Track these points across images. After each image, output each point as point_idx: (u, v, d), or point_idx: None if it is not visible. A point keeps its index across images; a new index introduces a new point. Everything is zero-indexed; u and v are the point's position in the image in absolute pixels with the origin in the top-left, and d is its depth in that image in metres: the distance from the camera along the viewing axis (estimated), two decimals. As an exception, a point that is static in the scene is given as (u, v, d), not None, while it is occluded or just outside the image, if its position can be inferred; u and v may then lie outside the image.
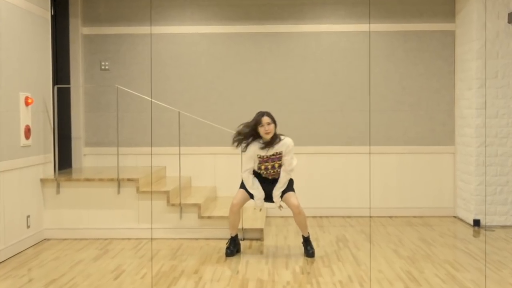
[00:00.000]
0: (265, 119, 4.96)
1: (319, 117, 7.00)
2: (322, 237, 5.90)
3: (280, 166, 5.03)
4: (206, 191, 6.59)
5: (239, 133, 5.05)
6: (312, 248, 5.13)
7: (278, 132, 5.06)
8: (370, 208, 6.97)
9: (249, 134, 5.03)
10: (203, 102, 7.07)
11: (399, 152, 7.07)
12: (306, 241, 5.18)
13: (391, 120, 7.08)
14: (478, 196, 6.42)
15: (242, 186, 5.20)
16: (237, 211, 5.16)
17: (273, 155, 5.01)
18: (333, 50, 7.12)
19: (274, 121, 4.99)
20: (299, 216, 5.08)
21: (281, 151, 5.00)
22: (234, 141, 5.05)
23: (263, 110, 5.11)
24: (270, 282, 4.35)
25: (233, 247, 5.19)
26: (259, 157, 5.03)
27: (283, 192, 5.09)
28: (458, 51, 6.95)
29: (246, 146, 5.05)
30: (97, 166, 6.97)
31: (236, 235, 5.26)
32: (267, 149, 4.99)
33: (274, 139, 4.99)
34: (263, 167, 5.05)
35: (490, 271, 4.61)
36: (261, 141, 5.01)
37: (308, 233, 5.19)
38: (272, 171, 5.06)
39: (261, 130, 4.95)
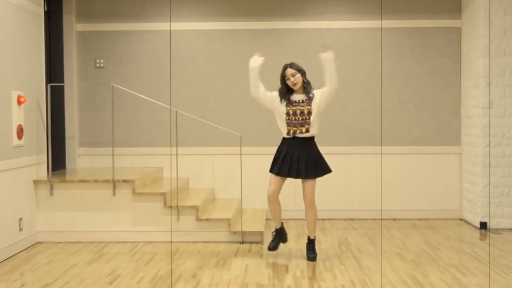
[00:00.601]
0: (289, 71, 4.95)
1: (321, 116, 6.96)
2: (324, 240, 5.90)
3: (309, 112, 4.93)
4: (204, 193, 6.59)
5: (279, 92, 5.05)
6: (314, 252, 5.12)
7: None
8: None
9: (285, 89, 5.02)
10: (201, 101, 7.08)
11: (403, 153, 7.06)
12: (311, 244, 5.16)
13: (395, 120, 7.08)
14: (485, 198, 6.42)
15: (272, 167, 5.08)
16: (275, 200, 5.08)
17: (303, 101, 4.98)
18: (335, 47, 7.04)
19: (299, 70, 4.97)
20: (309, 210, 5.06)
21: (312, 97, 4.96)
22: (278, 100, 5.03)
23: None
24: (270, 287, 4.35)
25: (277, 241, 5.16)
26: (288, 101, 4.97)
27: (307, 177, 4.98)
28: (464, 48, 6.95)
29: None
30: (92, 167, 6.97)
31: (282, 226, 5.20)
32: (299, 96, 4.99)
33: (307, 87, 4.99)
34: (291, 111, 4.94)
35: (497, 275, 4.61)
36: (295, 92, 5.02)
37: (315, 236, 5.18)
38: (300, 118, 4.94)
39: (289, 83, 4.96)
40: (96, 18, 7.08)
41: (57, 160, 6.66)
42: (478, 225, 6.45)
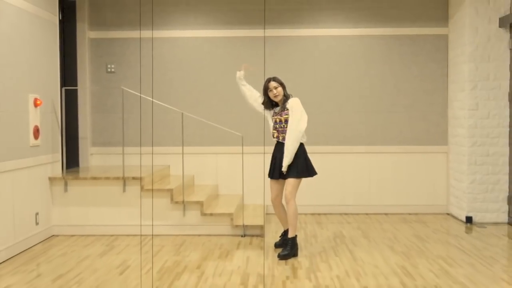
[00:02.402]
0: (272, 84, 5.00)
1: (318, 118, 6.97)
2: (320, 233, 5.89)
3: (286, 121, 4.93)
4: (209, 189, 6.58)
5: (263, 103, 5.10)
6: (286, 250, 4.87)
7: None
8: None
9: (267, 100, 5.07)
10: (205, 103, 7.06)
11: (394, 152, 7.05)
12: (286, 240, 5.01)
13: (386, 121, 7.06)
14: (470, 194, 6.41)
15: (270, 173, 5.06)
16: (278, 204, 5.07)
17: (282, 110, 5.01)
18: (331, 53, 7.10)
19: (281, 84, 5.02)
20: (286, 206, 4.97)
21: (287, 108, 4.99)
22: (264, 108, 5.10)
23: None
24: (270, 277, 4.34)
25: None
26: (274, 113, 5.06)
27: (289, 174, 4.91)
28: (450, 54, 6.94)
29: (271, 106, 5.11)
30: (103, 165, 6.96)
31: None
32: (279, 107, 5.05)
33: (285, 100, 5.02)
34: (277, 119, 5.01)
35: (482, 266, 4.60)
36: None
37: (295, 235, 4.96)
38: (280, 126, 4.97)
39: (271, 95, 5.01)
40: (108, 26, 7.06)
41: (71, 159, 6.66)
42: (464, 219, 6.44)
